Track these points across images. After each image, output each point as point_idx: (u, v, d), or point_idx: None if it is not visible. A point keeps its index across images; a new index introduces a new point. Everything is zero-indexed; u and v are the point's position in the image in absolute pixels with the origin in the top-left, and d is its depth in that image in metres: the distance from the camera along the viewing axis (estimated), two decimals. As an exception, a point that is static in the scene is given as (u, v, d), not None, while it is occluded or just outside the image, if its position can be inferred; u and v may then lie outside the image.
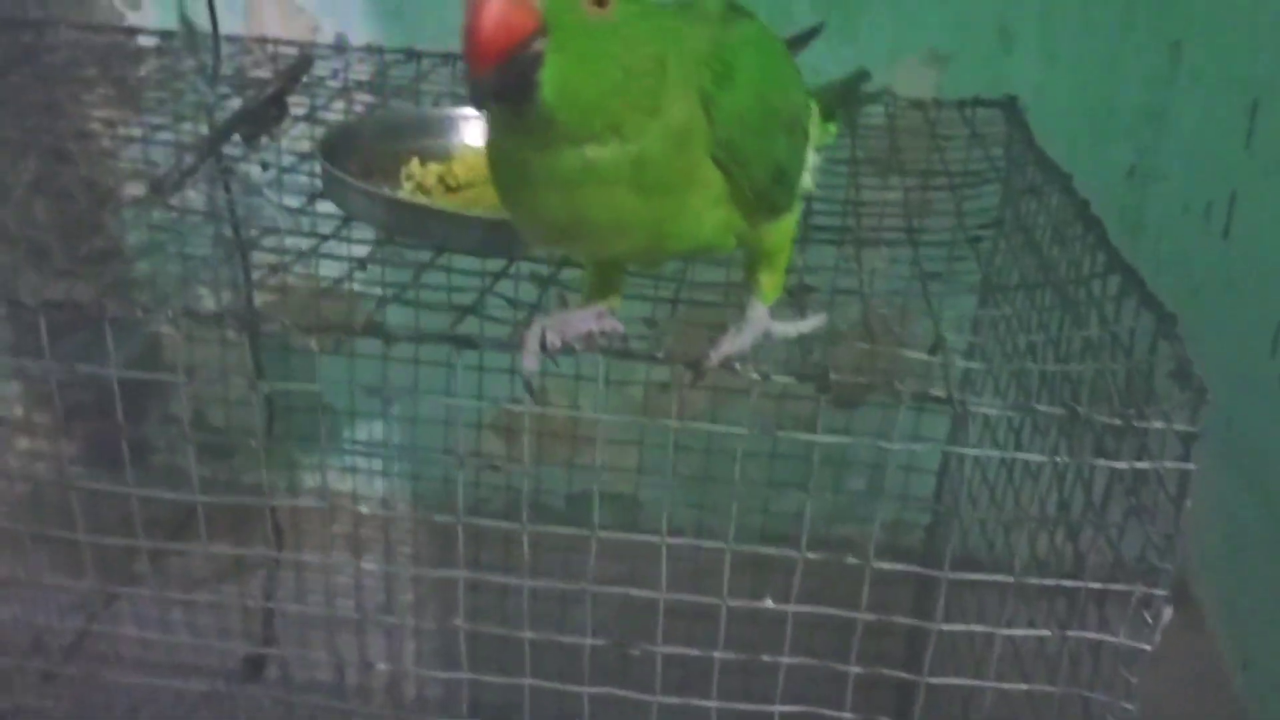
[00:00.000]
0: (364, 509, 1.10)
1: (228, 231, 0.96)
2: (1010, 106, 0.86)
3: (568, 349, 0.46)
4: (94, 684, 0.96)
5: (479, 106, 0.42)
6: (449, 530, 0.53)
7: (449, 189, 0.59)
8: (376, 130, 0.64)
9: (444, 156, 0.62)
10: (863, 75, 0.64)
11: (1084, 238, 0.57)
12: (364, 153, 0.61)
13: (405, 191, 0.58)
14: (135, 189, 1.00)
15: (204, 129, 0.82)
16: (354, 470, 1.06)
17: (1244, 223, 0.79)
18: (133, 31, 0.94)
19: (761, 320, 0.47)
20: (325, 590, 1.08)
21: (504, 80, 0.38)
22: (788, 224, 0.49)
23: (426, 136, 0.64)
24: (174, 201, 0.69)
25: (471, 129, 0.65)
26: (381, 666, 1.04)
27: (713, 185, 0.44)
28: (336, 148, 0.59)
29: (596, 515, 0.50)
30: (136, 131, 0.84)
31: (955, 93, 0.88)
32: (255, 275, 0.96)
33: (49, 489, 1.05)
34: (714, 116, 0.43)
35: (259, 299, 1.01)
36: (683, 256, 0.53)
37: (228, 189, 0.92)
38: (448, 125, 0.65)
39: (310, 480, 1.07)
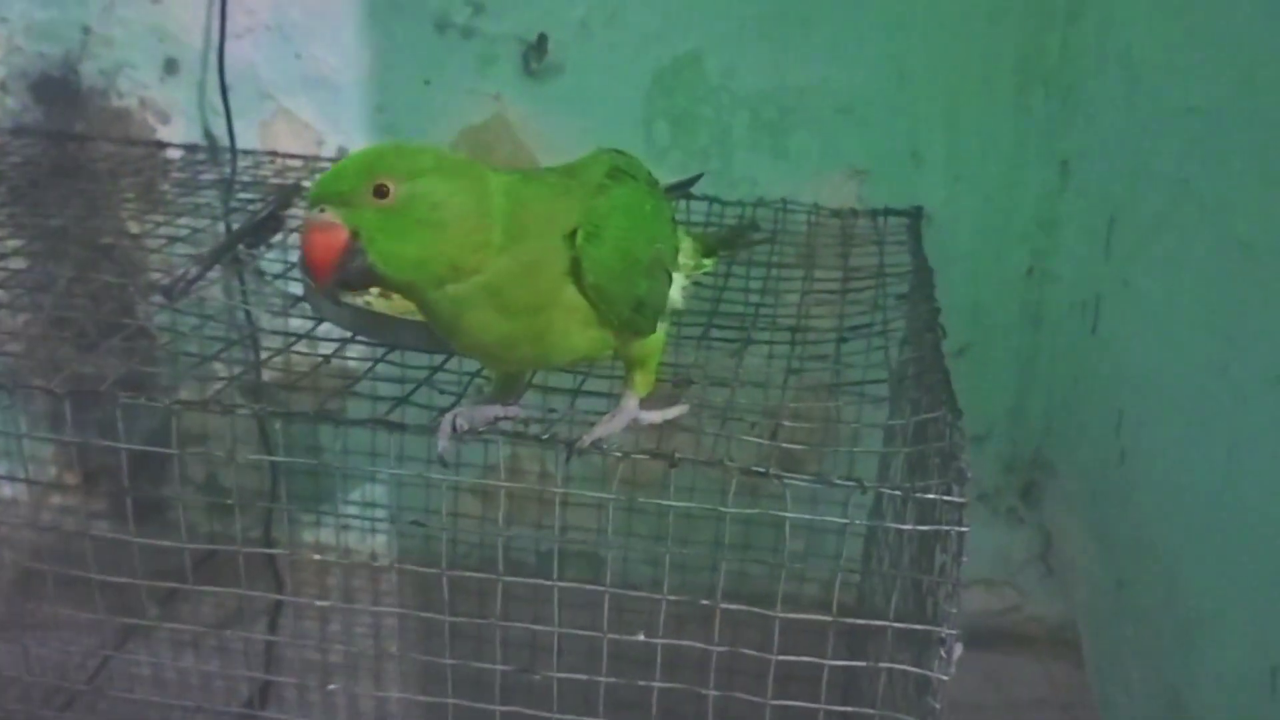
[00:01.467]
0: (373, 560, 1.22)
1: (241, 317, 1.10)
2: (915, 215, 0.99)
3: (474, 432, 0.59)
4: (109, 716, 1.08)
5: (337, 304, 0.59)
6: (431, 583, 0.65)
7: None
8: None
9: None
10: (752, 226, 0.78)
11: (926, 340, 0.69)
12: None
13: (370, 300, 0.71)
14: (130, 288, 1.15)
15: (219, 230, 0.96)
16: (347, 528, 1.19)
17: (1105, 323, 0.91)
18: (161, 145, 1.08)
19: (631, 409, 0.60)
20: (321, 635, 1.19)
21: (344, 281, 0.52)
22: (654, 340, 0.61)
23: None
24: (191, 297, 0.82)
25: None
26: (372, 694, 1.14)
27: (581, 311, 0.56)
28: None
29: (556, 568, 0.62)
30: (163, 232, 0.97)
31: (873, 203, 1.01)
32: (264, 355, 1.10)
33: (74, 540, 1.18)
34: (585, 266, 0.55)
35: (267, 374, 1.15)
36: (567, 367, 0.64)
37: (242, 282, 1.06)
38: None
39: (309, 535, 1.20)
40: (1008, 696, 1.17)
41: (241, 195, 1.01)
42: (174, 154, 1.08)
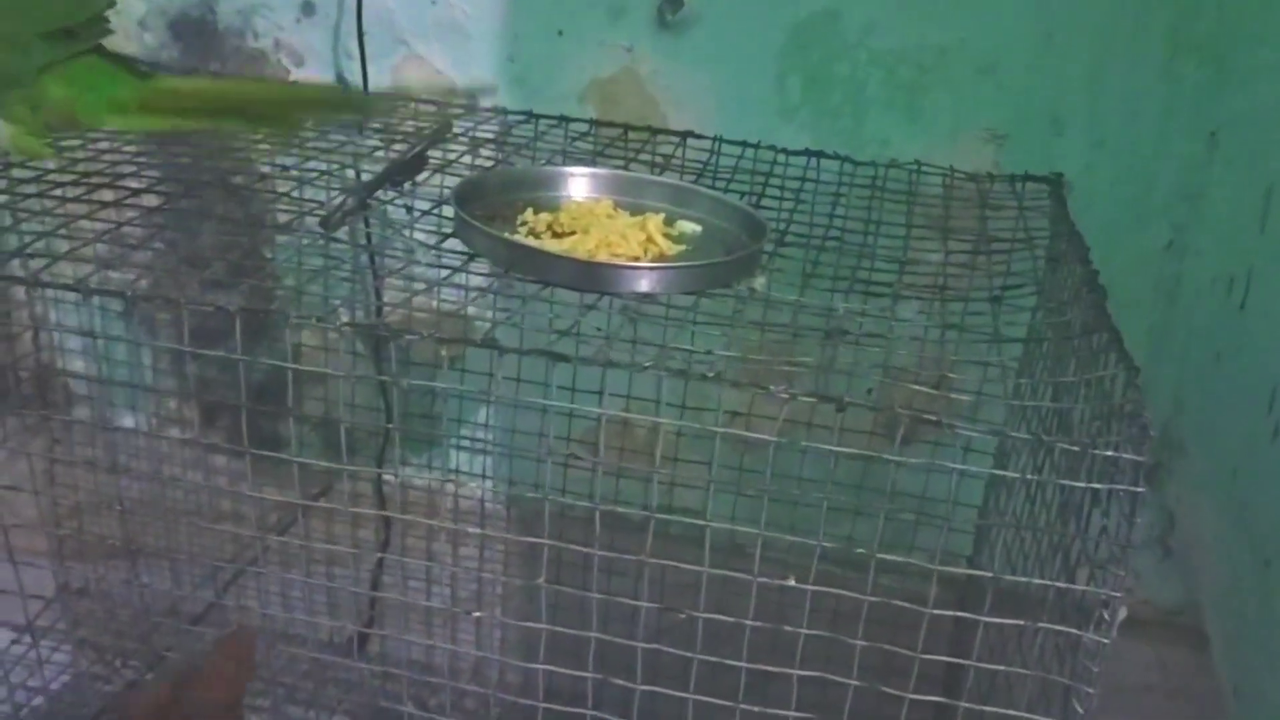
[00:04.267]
0: (471, 496, 1.24)
1: (365, 261, 1.12)
2: (1056, 183, 0.96)
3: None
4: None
5: None
6: (537, 528, 0.65)
7: (555, 234, 0.71)
8: (499, 183, 0.77)
9: (553, 207, 0.75)
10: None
11: (1087, 300, 0.67)
12: (488, 201, 0.74)
13: (520, 235, 0.71)
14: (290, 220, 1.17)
15: (351, 174, 0.97)
16: (457, 471, 1.20)
17: (1257, 298, 0.88)
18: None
19: None
20: (425, 577, 1.21)
21: None
22: None
23: (539, 189, 0.77)
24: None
25: (578, 184, 0.78)
26: (472, 652, 1.16)
27: None
28: (466, 196, 0.72)
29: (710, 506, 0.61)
30: (293, 173, 0.98)
31: (1010, 169, 0.99)
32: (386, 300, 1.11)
33: (192, 470, 1.21)
34: None
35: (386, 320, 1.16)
36: None
37: (367, 224, 1.07)
38: (557, 180, 0.78)
39: (420, 476, 1.21)
40: (1115, 680, 1.15)
41: (370, 141, 1.02)
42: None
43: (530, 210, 0.74)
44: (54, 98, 0.77)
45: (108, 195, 0.86)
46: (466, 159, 0.92)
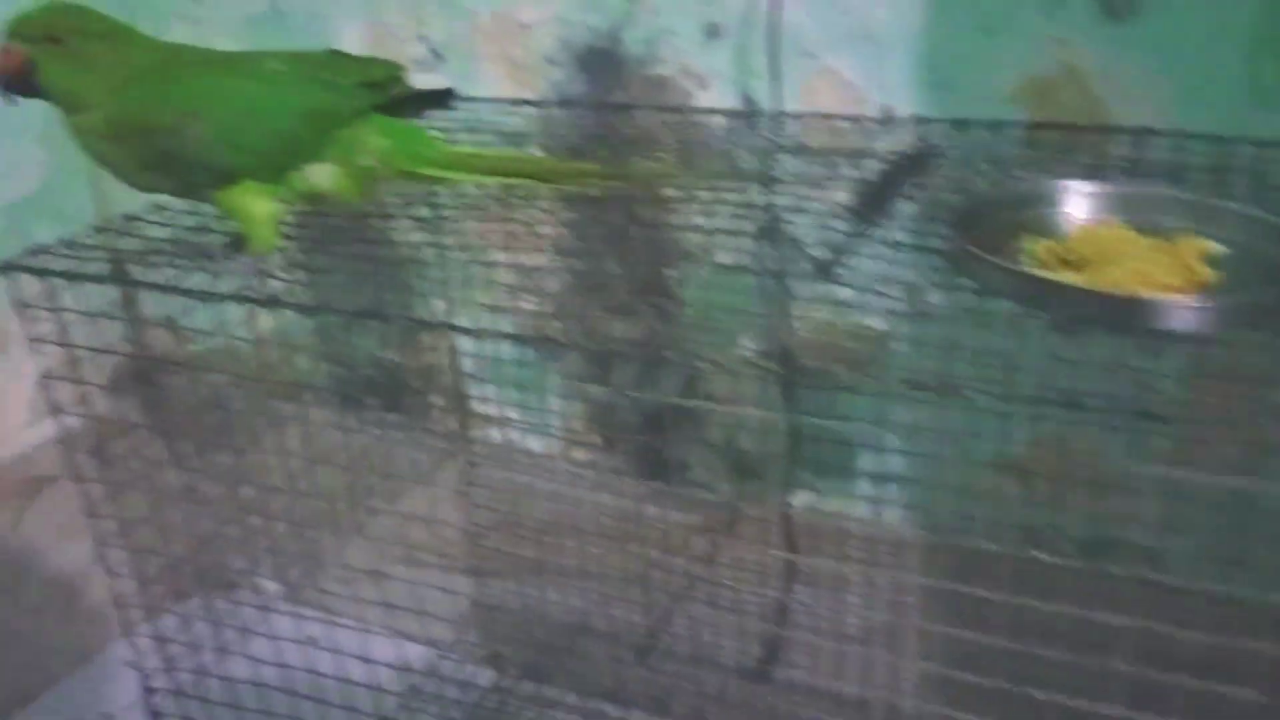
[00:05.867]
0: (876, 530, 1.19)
1: (769, 283, 1.09)
2: None
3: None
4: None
5: (5, 100, 0.81)
6: (956, 562, 0.58)
7: (1066, 264, 0.64)
8: (986, 204, 0.71)
9: (1049, 229, 0.68)
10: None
11: None
12: (977, 226, 0.67)
13: (1025, 266, 0.65)
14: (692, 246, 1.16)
15: (754, 196, 0.93)
16: (864, 498, 1.15)
17: None
18: (699, 110, 1.08)
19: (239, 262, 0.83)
20: (831, 605, 1.17)
21: (14, 86, 0.79)
22: (249, 203, 0.80)
23: (1029, 209, 0.70)
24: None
25: (1075, 201, 0.70)
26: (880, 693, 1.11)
27: (124, 150, 0.79)
28: (959, 222, 0.66)
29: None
30: (704, 196, 0.96)
31: None
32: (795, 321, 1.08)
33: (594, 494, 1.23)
34: (111, 114, 0.78)
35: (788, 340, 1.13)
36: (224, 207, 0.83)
37: (772, 244, 1.04)
38: (1050, 197, 0.71)
39: (826, 504, 1.18)
40: None
41: (790, 161, 0.99)
42: (713, 119, 1.08)
43: (1031, 236, 0.67)
44: (372, 145, 0.82)
45: (515, 227, 0.89)
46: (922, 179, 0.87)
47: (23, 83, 0.79)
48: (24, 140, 1.37)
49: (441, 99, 0.93)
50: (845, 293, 0.92)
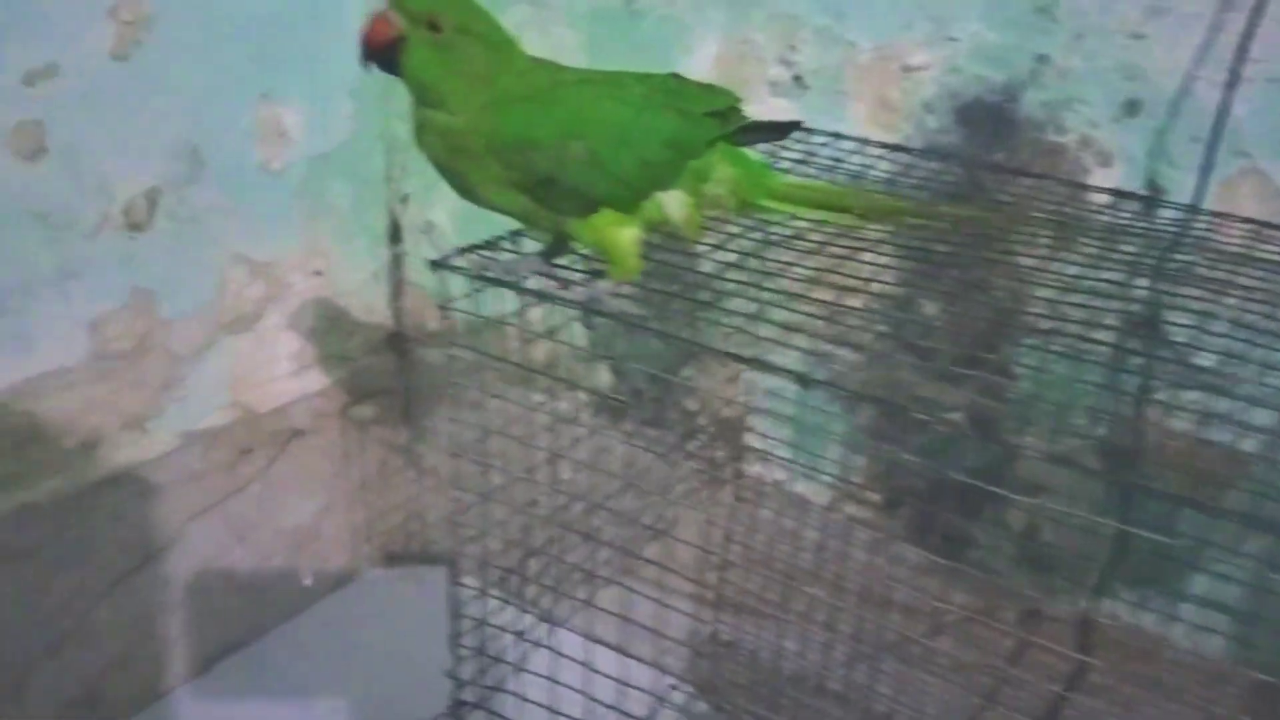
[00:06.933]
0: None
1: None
2: None
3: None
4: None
5: (363, 65, 0.74)
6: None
7: None
8: None
9: None
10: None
11: None
12: None
13: None
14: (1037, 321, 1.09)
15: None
16: (1178, 620, 1.08)
17: None
18: (1089, 188, 1.00)
19: (597, 286, 0.77)
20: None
21: (376, 56, 0.73)
22: (612, 230, 0.75)
23: None
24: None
25: None
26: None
27: (492, 169, 0.73)
28: None
29: None
30: (1067, 273, 0.87)
31: None
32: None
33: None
34: (477, 128, 0.73)
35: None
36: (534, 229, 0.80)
37: (1144, 340, 0.97)
38: None
39: (1134, 617, 1.11)
40: None
41: (1181, 256, 0.92)
42: (1099, 198, 1.01)
43: None
44: (722, 175, 0.79)
45: (840, 265, 0.83)
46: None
47: (386, 56, 0.73)
48: (339, 95, 1.35)
49: (784, 130, 0.87)
50: (1222, 404, 0.85)
